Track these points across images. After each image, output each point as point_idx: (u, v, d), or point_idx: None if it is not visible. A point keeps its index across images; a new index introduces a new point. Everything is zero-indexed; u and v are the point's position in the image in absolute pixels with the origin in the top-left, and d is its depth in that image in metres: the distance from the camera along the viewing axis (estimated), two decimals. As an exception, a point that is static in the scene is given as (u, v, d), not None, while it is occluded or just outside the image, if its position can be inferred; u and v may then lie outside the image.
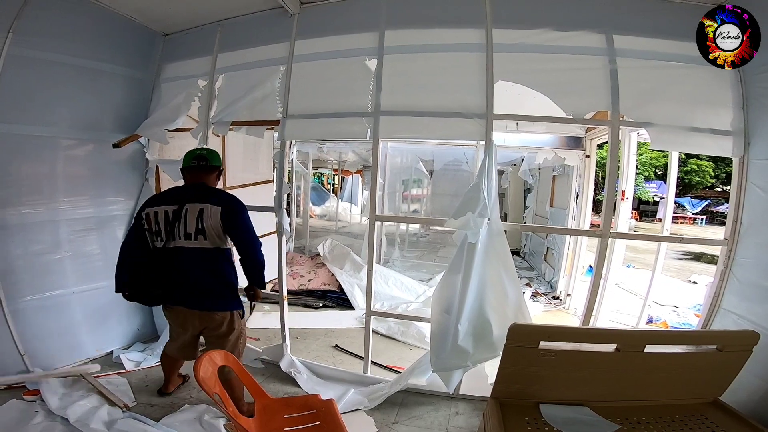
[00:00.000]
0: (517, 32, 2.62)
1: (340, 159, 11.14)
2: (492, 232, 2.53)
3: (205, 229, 2.29)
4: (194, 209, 2.30)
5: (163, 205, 2.33)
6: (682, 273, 8.23)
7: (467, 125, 2.64)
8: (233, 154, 4.66)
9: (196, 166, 2.43)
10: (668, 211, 3.84)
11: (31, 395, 2.56)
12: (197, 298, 2.36)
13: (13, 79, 2.66)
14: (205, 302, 2.37)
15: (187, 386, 2.86)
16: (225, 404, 1.72)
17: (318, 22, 2.98)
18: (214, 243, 2.33)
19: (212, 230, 2.30)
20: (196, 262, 2.32)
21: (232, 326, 2.45)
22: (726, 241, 2.53)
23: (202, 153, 2.48)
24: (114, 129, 3.30)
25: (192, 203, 2.31)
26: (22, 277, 2.79)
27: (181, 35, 3.50)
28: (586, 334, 2.05)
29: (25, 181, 2.87)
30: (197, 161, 2.44)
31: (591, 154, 5.27)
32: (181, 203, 2.31)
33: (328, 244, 6.16)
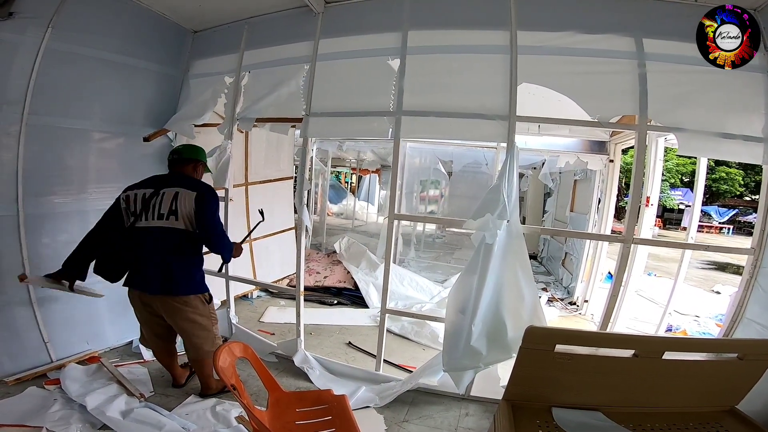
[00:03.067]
0: (543, 35, 2.59)
1: (358, 158, 11.20)
2: (511, 234, 2.52)
3: (178, 210, 2.43)
4: (170, 193, 2.46)
5: (143, 189, 2.50)
6: (706, 283, 7.99)
7: (489, 127, 2.63)
8: (256, 150, 4.75)
9: (171, 159, 2.68)
10: (694, 218, 3.73)
11: (52, 384, 2.63)
12: (158, 282, 2.43)
13: (51, 72, 2.78)
14: (165, 285, 2.43)
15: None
16: (240, 395, 1.76)
17: (342, 21, 3.01)
18: (185, 225, 2.44)
19: (185, 213, 2.43)
20: (163, 242, 2.43)
21: (196, 311, 2.52)
22: (753, 250, 2.46)
23: (178, 148, 2.74)
24: (144, 123, 3.42)
25: (169, 188, 2.48)
26: (49, 265, 2.84)
27: (209, 32, 3.60)
28: (604, 338, 2.01)
29: (57, 172, 2.98)
30: (171, 155, 2.69)
31: (615, 158, 5.16)
32: (157, 188, 2.48)
33: (345, 241, 6.20)
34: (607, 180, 5.22)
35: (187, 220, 2.44)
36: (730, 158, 2.82)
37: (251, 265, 4.75)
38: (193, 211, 2.43)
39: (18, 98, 2.68)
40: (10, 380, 2.61)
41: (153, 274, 2.43)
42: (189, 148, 2.74)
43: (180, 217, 2.42)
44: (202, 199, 2.45)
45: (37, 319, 2.82)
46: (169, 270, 2.43)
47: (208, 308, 2.61)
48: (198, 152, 2.74)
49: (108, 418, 2.30)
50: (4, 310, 2.72)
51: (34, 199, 2.82)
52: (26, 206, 2.76)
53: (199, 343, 2.56)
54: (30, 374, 2.70)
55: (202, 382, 2.70)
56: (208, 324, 2.59)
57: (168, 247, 2.43)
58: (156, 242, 2.43)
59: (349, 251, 6.00)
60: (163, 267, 2.42)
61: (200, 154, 2.75)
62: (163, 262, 2.42)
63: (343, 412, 2.04)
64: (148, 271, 2.44)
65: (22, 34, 2.66)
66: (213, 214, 2.51)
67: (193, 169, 2.70)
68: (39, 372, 2.74)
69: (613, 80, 2.54)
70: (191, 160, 2.69)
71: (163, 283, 2.43)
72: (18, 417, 2.28)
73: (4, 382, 2.60)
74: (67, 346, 2.96)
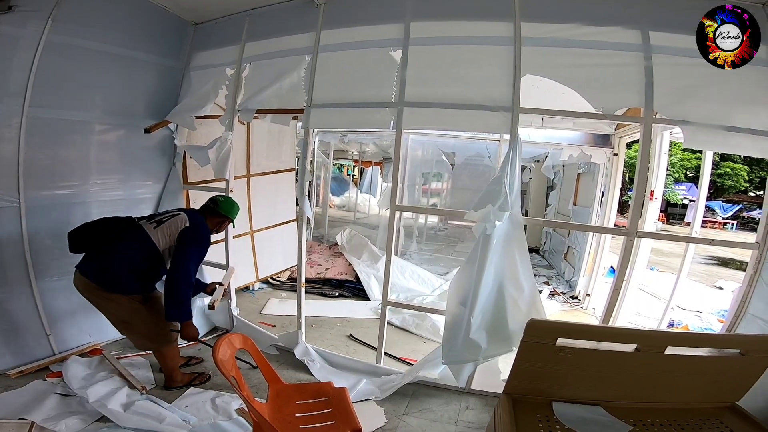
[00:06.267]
0: (547, 26, 2.55)
1: (360, 150, 11.15)
2: (511, 226, 2.51)
3: (164, 222, 2.51)
4: (175, 211, 2.62)
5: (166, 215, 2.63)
6: (708, 278, 7.96)
7: (492, 118, 2.61)
8: (257, 142, 4.73)
9: (206, 206, 2.78)
10: (698, 213, 3.71)
11: (55, 377, 2.64)
12: (101, 274, 2.42)
13: (51, 65, 2.77)
14: (105, 279, 2.42)
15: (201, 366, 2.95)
16: (240, 387, 1.76)
17: (344, 12, 2.98)
18: (156, 237, 2.48)
19: (167, 230, 2.49)
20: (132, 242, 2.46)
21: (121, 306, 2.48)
22: (757, 244, 2.44)
23: (218, 199, 2.79)
24: (145, 115, 3.41)
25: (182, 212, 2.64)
26: (50, 257, 2.90)
27: (210, 25, 3.57)
28: (606, 332, 2.00)
29: (59, 164, 2.99)
30: (210, 201, 2.79)
31: (619, 152, 5.12)
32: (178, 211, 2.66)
33: (347, 233, 6.20)
34: (610, 174, 5.19)
35: (166, 238, 2.49)
36: (737, 152, 2.80)
37: (253, 258, 4.76)
38: (175, 238, 2.49)
39: (19, 91, 2.68)
40: (13, 373, 2.63)
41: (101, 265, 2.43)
42: (227, 203, 2.79)
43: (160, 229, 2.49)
44: (186, 234, 2.50)
45: (39, 311, 2.84)
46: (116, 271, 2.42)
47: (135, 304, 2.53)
48: (232, 210, 2.80)
49: (109, 411, 2.31)
50: (7, 303, 2.73)
51: (36, 191, 2.83)
52: (28, 198, 2.77)
53: (137, 339, 2.61)
54: (32, 367, 2.71)
55: (165, 375, 2.69)
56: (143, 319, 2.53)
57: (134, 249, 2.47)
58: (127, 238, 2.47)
59: (351, 243, 6.00)
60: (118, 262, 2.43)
61: (233, 212, 2.81)
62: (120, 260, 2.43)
63: (344, 404, 2.05)
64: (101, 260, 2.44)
65: (22, 28, 2.65)
66: (189, 254, 2.50)
67: (218, 221, 2.76)
68: (41, 365, 2.75)
69: (619, 72, 2.51)
70: (221, 215, 2.75)
71: (104, 276, 2.42)
72: (17, 410, 2.27)
73: (7, 375, 2.61)
74: (69, 339, 2.99)
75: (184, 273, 2.45)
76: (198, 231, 2.56)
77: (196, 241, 2.54)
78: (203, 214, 2.72)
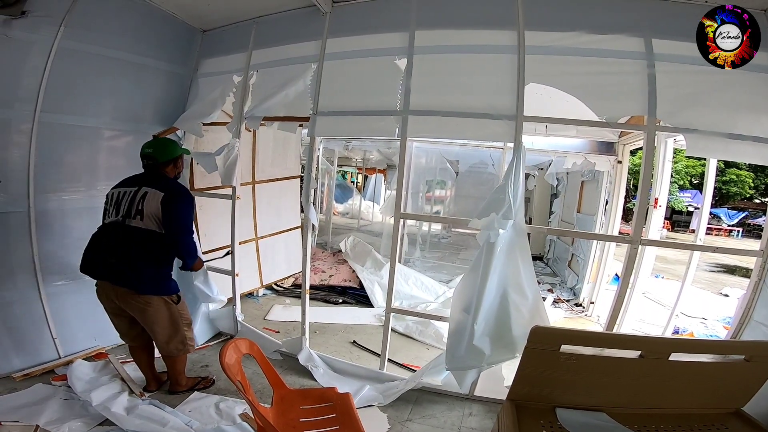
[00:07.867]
0: (550, 35, 2.58)
1: (364, 157, 11.21)
2: (515, 233, 2.52)
3: (144, 210, 2.41)
4: (142, 191, 2.45)
5: (125, 187, 2.51)
6: (714, 285, 7.90)
7: (496, 126, 2.63)
8: (263, 149, 4.77)
9: (146, 165, 2.59)
10: (703, 220, 3.69)
11: (59, 380, 2.65)
12: (119, 275, 2.39)
13: (62, 70, 2.82)
14: (127, 280, 2.39)
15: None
16: (245, 392, 1.77)
17: (349, 21, 3.02)
18: (148, 225, 2.41)
19: (151, 213, 2.41)
20: (126, 240, 2.40)
21: (160, 311, 2.47)
22: (761, 252, 2.44)
23: (149, 153, 2.58)
24: (153, 122, 3.46)
25: (139, 187, 2.47)
26: (58, 262, 2.92)
27: (218, 32, 3.63)
28: (610, 339, 2.00)
29: (67, 169, 3.02)
30: (145, 160, 2.59)
31: (623, 159, 5.12)
32: (139, 186, 2.48)
33: (351, 240, 6.21)
34: (614, 181, 5.18)
35: (154, 220, 2.41)
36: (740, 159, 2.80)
37: (257, 264, 4.78)
38: (160, 212, 2.40)
39: (30, 96, 2.72)
40: (18, 376, 2.64)
41: (115, 266, 2.39)
42: (161, 149, 2.60)
43: (146, 217, 2.40)
44: (169, 201, 2.42)
45: (46, 315, 2.86)
46: (135, 268, 2.39)
47: (176, 309, 2.54)
48: (171, 151, 2.62)
49: (112, 414, 2.31)
50: (15, 306, 2.76)
51: (45, 196, 2.86)
52: (37, 203, 2.81)
53: (163, 342, 2.54)
54: (38, 370, 2.73)
55: (171, 379, 2.68)
56: (175, 324, 2.54)
57: (132, 244, 2.40)
58: (120, 237, 2.41)
59: (355, 250, 6.01)
60: (127, 264, 2.39)
61: (174, 151, 2.63)
62: (127, 259, 2.39)
63: (347, 410, 2.05)
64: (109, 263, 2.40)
65: (35, 33, 2.69)
66: (179, 216, 2.46)
67: (173, 166, 2.65)
68: (47, 368, 2.77)
69: (622, 80, 2.53)
70: (165, 163, 2.59)
71: (127, 279, 2.39)
72: (20, 413, 2.28)
73: (12, 377, 2.63)
74: (74, 342, 3.00)
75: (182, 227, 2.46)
76: (173, 192, 2.47)
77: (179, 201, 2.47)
78: (156, 173, 2.57)
